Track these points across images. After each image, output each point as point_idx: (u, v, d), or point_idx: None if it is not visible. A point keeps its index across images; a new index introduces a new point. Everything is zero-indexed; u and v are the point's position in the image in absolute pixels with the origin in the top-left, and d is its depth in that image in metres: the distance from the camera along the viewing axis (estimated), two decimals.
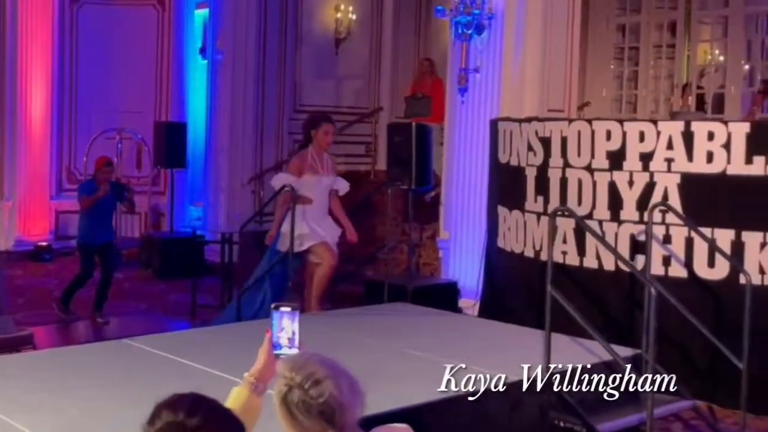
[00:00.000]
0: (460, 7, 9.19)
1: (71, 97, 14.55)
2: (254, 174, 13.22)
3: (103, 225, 9.86)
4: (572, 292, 7.28)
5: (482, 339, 6.58)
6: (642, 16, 14.89)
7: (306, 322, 2.80)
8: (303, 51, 13.80)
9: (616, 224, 6.94)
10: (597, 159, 7.01)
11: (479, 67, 9.31)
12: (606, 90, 15.34)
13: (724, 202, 6.54)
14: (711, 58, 14.84)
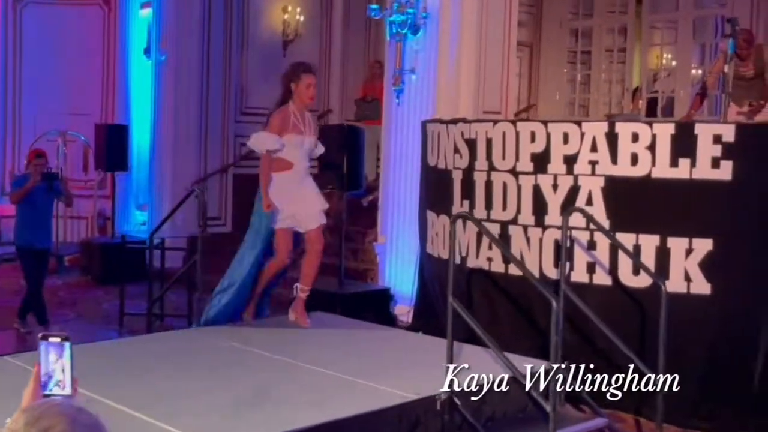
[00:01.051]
0: (394, 5, 8.84)
1: (14, 99, 14.11)
2: (198, 177, 12.81)
3: (40, 226, 9.00)
4: (499, 299, 6.99)
5: (391, 352, 6.20)
6: (594, 20, 14.65)
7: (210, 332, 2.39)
8: (249, 53, 13.41)
9: (540, 230, 6.58)
10: (521, 162, 6.65)
11: (415, 68, 8.98)
12: (559, 93, 15.13)
13: (649, 207, 6.19)
14: (664, 62, 14.62)
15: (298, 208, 6.78)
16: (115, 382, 5.09)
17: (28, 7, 14.14)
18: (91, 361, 5.31)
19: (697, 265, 6.05)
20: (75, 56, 14.08)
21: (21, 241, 9.00)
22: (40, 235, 8.98)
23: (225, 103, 13.10)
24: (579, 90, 15.11)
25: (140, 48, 13.36)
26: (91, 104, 14.15)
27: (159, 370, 5.58)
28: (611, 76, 14.65)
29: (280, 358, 5.83)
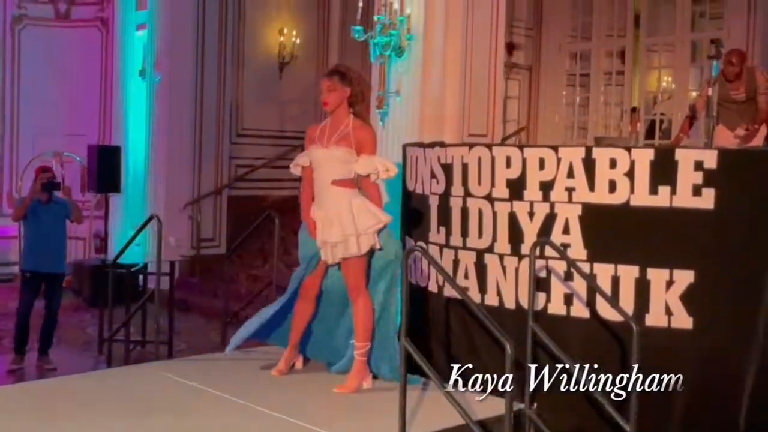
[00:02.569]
0: (378, 27, 8.48)
1: (12, 120, 13.88)
2: (191, 199, 12.49)
3: (47, 249, 8.38)
4: (476, 329, 6.53)
5: None
6: (592, 43, 14.35)
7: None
8: (245, 74, 13.14)
9: (516, 259, 6.14)
10: (497, 188, 6.22)
11: (399, 90, 8.61)
12: (558, 115, 14.82)
13: (628, 236, 5.74)
14: (664, 84, 14.28)
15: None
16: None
17: (27, 29, 13.92)
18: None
19: (678, 297, 5.60)
20: (73, 77, 13.86)
21: (25, 265, 8.54)
22: (49, 259, 8.41)
23: (219, 125, 12.80)
24: (578, 112, 14.79)
25: (136, 69, 13.07)
26: (89, 125, 13.89)
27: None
28: (610, 99, 14.32)
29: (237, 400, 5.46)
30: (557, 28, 14.81)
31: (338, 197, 5.84)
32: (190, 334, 10.09)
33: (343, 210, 5.80)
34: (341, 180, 5.87)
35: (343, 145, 5.83)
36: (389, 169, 5.97)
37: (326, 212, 5.85)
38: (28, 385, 6.33)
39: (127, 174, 12.69)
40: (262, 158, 13.06)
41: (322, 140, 5.90)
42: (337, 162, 5.84)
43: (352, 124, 5.89)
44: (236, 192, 12.94)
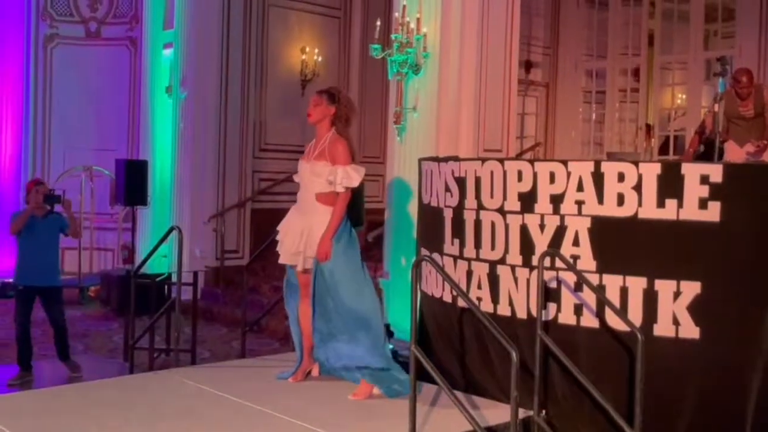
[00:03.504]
0: (395, 45, 8.56)
1: (44, 135, 14.06)
2: (216, 211, 12.59)
3: (43, 262, 8.09)
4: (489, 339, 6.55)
5: None
6: (608, 61, 14.37)
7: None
8: (268, 91, 13.20)
9: (528, 270, 6.16)
10: (509, 201, 6.26)
11: (416, 106, 8.67)
12: (575, 131, 14.85)
13: (636, 248, 5.76)
14: (678, 101, 14.27)
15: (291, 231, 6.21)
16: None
17: (59, 47, 14.11)
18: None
19: (686, 308, 5.61)
20: (102, 94, 14.03)
21: (20, 279, 8.16)
22: (44, 273, 8.11)
23: (242, 140, 12.89)
24: (594, 128, 14.81)
25: (163, 86, 13.21)
26: (117, 140, 14.04)
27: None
28: (625, 115, 14.32)
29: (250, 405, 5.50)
30: (573, 47, 14.87)
31: (317, 213, 6.03)
32: (213, 342, 10.17)
33: (315, 226, 5.99)
34: (324, 195, 6.04)
35: (322, 159, 6.03)
36: (350, 176, 5.99)
37: (306, 222, 6.03)
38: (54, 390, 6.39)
39: (154, 187, 12.82)
40: (285, 172, 13.09)
41: (307, 155, 6.18)
42: (315, 176, 6.02)
43: (330, 139, 6.10)
44: (259, 205, 13.00)
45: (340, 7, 13.93)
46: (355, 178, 5.99)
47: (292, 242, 6.07)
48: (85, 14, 14.30)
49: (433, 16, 8.56)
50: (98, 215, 14.03)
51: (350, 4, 14.00)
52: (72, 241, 13.47)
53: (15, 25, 13.66)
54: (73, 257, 13.66)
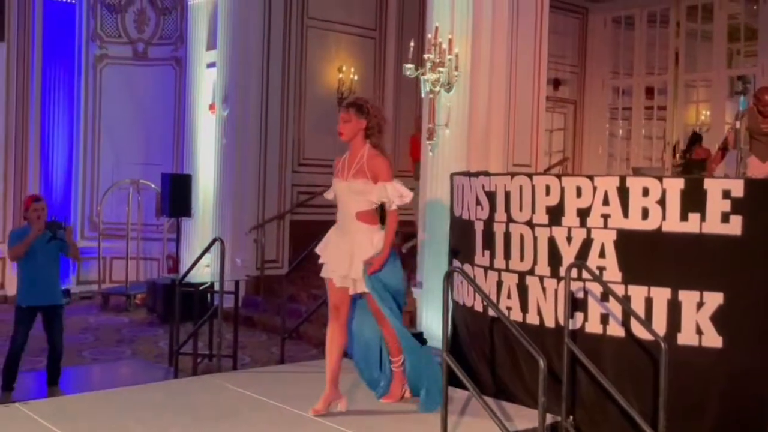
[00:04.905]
0: (428, 65, 8.62)
1: (93, 150, 14.26)
2: (256, 223, 12.70)
3: (45, 283, 7.74)
4: (519, 348, 6.56)
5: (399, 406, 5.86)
6: (634, 79, 14.34)
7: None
8: (306, 108, 13.31)
9: (555, 281, 6.18)
10: (537, 214, 6.30)
11: (448, 123, 8.72)
12: (602, 147, 14.83)
13: (660, 260, 5.76)
14: (702, 118, 14.21)
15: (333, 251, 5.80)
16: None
17: (108, 67, 14.32)
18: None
19: (709, 318, 5.61)
20: (149, 111, 14.22)
21: (22, 300, 7.76)
22: (46, 292, 7.77)
23: (282, 155, 13.01)
24: (620, 144, 14.77)
25: (206, 104, 13.37)
26: (163, 155, 14.21)
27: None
28: (651, 132, 14.28)
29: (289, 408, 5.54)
30: (600, 65, 14.87)
31: (360, 233, 5.61)
32: (253, 348, 10.25)
33: (362, 247, 5.56)
34: (364, 212, 5.64)
35: (360, 176, 5.58)
36: (403, 195, 5.62)
37: (348, 244, 5.61)
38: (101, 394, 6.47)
39: (197, 200, 12.97)
40: (321, 186, 13.12)
41: (343, 173, 5.69)
42: (355, 194, 5.60)
43: (367, 155, 5.63)
44: (297, 217, 13.10)
45: (375, 28, 14.02)
46: (407, 195, 5.64)
47: (340, 264, 5.64)
48: (132, 36, 14.51)
49: (464, 37, 8.61)
50: (144, 226, 14.20)
51: (385, 25, 14.09)
52: (119, 250, 13.73)
53: (68, 47, 13.89)
54: (120, 266, 13.87)
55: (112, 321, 12.00)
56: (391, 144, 14.04)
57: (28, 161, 13.46)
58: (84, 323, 11.56)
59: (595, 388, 5.91)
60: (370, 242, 5.59)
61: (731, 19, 13.18)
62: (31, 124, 13.43)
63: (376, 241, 5.60)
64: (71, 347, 9.56)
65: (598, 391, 5.87)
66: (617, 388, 5.50)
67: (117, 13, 14.42)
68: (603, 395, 5.84)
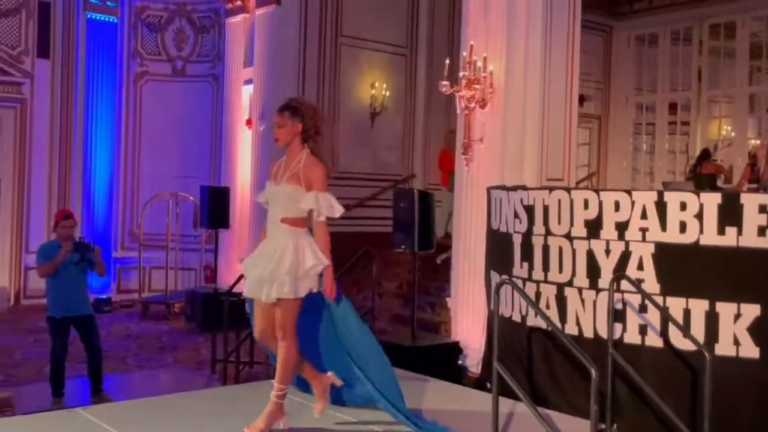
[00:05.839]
0: (463, 82, 8.65)
1: (134, 164, 14.39)
2: None
3: (75, 295, 7.83)
4: (557, 357, 6.61)
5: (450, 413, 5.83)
6: (657, 95, 14.32)
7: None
8: (340, 123, 13.38)
9: (594, 292, 6.21)
10: (576, 227, 6.33)
11: (482, 138, 8.75)
12: (626, 161, 14.80)
13: (698, 273, 5.78)
14: (724, 133, 14.17)
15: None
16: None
17: (148, 83, 14.45)
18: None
19: (746, 329, 5.62)
20: (187, 126, 14.33)
21: (54, 313, 7.83)
22: (75, 304, 7.85)
23: None
24: (644, 158, 14.75)
25: (243, 119, 13.47)
26: (201, 168, 14.31)
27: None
28: (675, 146, 14.25)
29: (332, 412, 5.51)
30: (624, 81, 14.86)
31: (285, 235, 5.00)
32: None
33: (288, 248, 4.95)
34: (291, 218, 5.05)
35: (293, 182, 5.05)
36: (333, 207, 5.09)
37: (272, 248, 5.00)
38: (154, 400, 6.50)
39: (234, 212, 13.04)
40: (356, 198, 13.28)
41: (276, 177, 5.19)
42: (286, 199, 5.06)
43: (304, 161, 5.09)
44: (333, 228, 13.04)
45: (406, 45, 14.09)
46: (338, 209, 5.11)
47: (270, 268, 4.94)
48: (172, 53, 14.64)
49: (498, 55, 8.64)
50: (183, 237, 14.29)
51: (416, 43, 14.15)
52: (158, 260, 13.83)
53: (109, 64, 14.04)
54: (159, 275, 13.97)
55: (153, 329, 12.08)
56: (422, 158, 14.12)
57: (72, 175, 13.61)
58: (126, 331, 11.65)
59: (633, 397, 5.92)
60: (295, 242, 4.97)
61: (753, 37, 13.16)
62: (75, 139, 13.59)
63: (301, 244, 4.99)
64: (115, 354, 9.65)
65: (636, 399, 5.89)
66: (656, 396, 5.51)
67: (157, 31, 14.57)
68: (642, 403, 5.86)
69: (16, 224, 13.18)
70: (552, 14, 8.57)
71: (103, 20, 13.89)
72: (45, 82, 13.39)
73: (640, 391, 5.81)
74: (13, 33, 13.09)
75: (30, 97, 13.26)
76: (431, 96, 14.05)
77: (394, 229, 8.70)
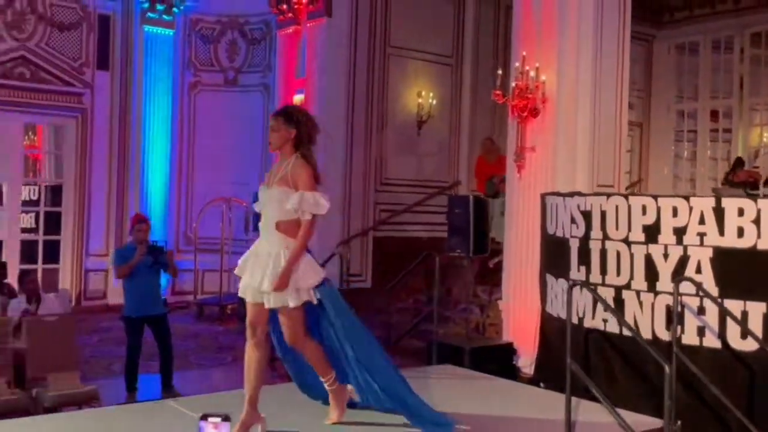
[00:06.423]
0: (516, 92, 8.78)
1: (188, 170, 14.64)
2: (342, 239, 12.93)
3: (148, 297, 8.12)
4: (614, 359, 6.72)
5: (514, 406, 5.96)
6: (699, 102, 14.32)
7: None
8: (388, 131, 13.54)
9: (652, 295, 6.32)
10: (633, 232, 6.44)
11: (534, 146, 8.87)
12: (667, 168, 14.82)
13: (756, 276, 5.87)
14: (765, 140, 14.15)
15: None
16: None
17: (201, 93, 14.71)
18: None
19: None
20: (239, 134, 14.53)
21: (129, 312, 8.14)
22: (150, 303, 8.13)
23: (366, 175, 13.25)
24: (685, 165, 14.76)
25: None
26: (252, 174, 14.49)
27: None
28: (716, 153, 14.25)
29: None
30: (665, 89, 14.88)
31: (278, 243, 4.90)
32: None
33: (279, 257, 4.84)
34: (284, 223, 4.93)
35: (282, 184, 4.94)
36: (319, 204, 4.94)
37: (265, 256, 4.91)
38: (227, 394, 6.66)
39: None
40: (402, 204, 13.44)
41: (268, 181, 5.09)
42: (276, 202, 4.94)
43: (292, 164, 4.97)
44: (380, 233, 13.32)
45: (452, 55, 14.21)
46: (323, 205, 4.96)
47: (253, 278, 4.92)
48: (224, 64, 14.88)
49: (550, 64, 8.76)
50: (234, 241, 14.49)
51: (461, 53, 14.28)
52: (211, 263, 14.07)
53: (165, 75, 14.29)
54: (212, 278, 14.19)
55: (209, 330, 12.29)
56: (467, 165, 14.23)
57: (129, 181, 13.88)
58: (185, 331, 11.86)
59: (691, 396, 6.01)
60: (283, 255, 4.85)
61: None
62: (132, 147, 13.85)
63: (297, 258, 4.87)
64: (177, 353, 9.82)
65: (694, 398, 5.98)
66: (714, 398, 5.60)
67: (210, 43, 14.82)
68: (699, 402, 5.95)
69: (78, 228, 13.46)
70: (602, 24, 8.68)
71: (160, 33, 14.15)
72: (104, 93, 13.67)
73: (698, 391, 5.92)
74: (75, 46, 13.39)
75: (90, 106, 13.55)
76: (476, 104, 14.18)
77: (449, 234, 8.84)
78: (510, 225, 9.21)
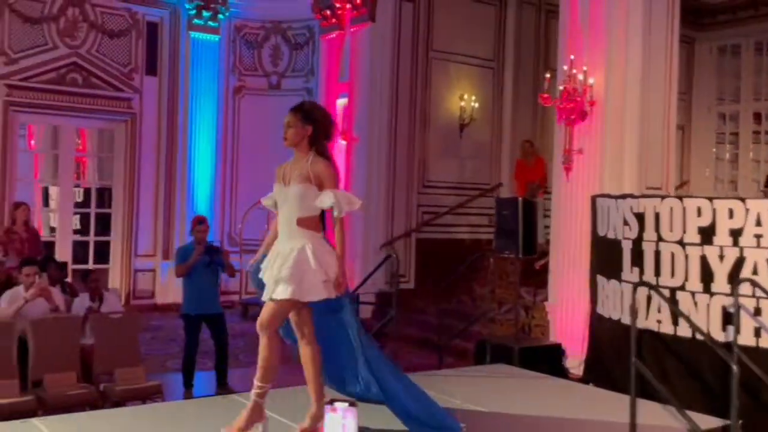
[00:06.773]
0: (564, 95, 8.78)
1: (233, 174, 14.75)
2: (386, 240, 12.98)
3: (206, 296, 8.31)
4: (667, 359, 6.70)
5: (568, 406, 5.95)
6: (741, 105, 14.21)
7: None
8: (430, 134, 13.57)
9: (708, 296, 6.30)
10: (688, 234, 6.42)
11: (582, 149, 8.86)
12: (709, 170, 14.72)
13: None
14: None
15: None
16: None
17: (245, 97, 14.83)
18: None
19: None
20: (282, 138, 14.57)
21: (188, 310, 8.34)
22: (208, 304, 8.31)
23: (409, 177, 13.28)
24: (726, 167, 14.65)
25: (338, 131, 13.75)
26: None
27: None
28: (759, 155, 14.12)
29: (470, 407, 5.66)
30: (706, 91, 14.79)
31: (300, 236, 4.77)
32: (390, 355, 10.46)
33: (304, 250, 4.71)
34: (306, 219, 4.82)
35: (303, 181, 4.83)
36: (352, 202, 4.90)
37: (288, 248, 4.75)
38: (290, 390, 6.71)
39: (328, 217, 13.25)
40: (445, 206, 13.46)
41: (284, 179, 4.97)
42: (297, 199, 4.83)
43: (312, 161, 4.85)
44: (423, 235, 13.36)
45: (494, 58, 14.21)
46: (356, 202, 4.92)
47: (284, 269, 4.70)
48: (268, 69, 15.00)
49: (598, 68, 8.75)
50: None
51: (503, 57, 14.27)
52: None
53: (210, 79, 14.43)
54: None
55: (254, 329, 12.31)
56: (509, 167, 14.21)
57: (176, 183, 14.03)
58: (232, 330, 11.85)
59: (750, 395, 5.97)
60: (309, 248, 4.72)
61: None
62: (179, 150, 14.01)
63: (316, 248, 4.74)
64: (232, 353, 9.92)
65: (754, 398, 5.94)
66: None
67: (254, 48, 14.94)
68: (757, 402, 5.91)
69: (127, 229, 13.63)
70: (651, 27, 8.66)
71: (205, 39, 14.29)
72: (152, 97, 13.84)
73: (755, 391, 5.89)
74: (125, 52, 13.56)
75: (139, 111, 13.72)
76: (517, 107, 14.17)
77: (497, 236, 8.84)
78: (557, 227, 9.21)
